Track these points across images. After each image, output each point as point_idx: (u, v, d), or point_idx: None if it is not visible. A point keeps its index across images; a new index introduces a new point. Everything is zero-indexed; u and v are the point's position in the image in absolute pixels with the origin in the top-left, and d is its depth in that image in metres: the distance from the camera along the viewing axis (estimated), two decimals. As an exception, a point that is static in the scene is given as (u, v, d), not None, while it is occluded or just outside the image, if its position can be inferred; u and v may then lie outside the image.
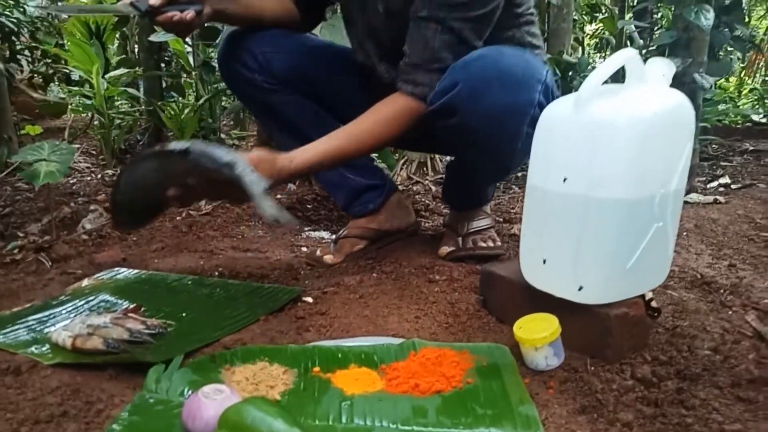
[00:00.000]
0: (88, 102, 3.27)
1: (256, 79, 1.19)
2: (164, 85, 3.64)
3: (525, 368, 0.75)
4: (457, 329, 0.87)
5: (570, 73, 2.85)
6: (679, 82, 1.93)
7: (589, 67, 2.87)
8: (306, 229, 1.65)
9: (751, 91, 5.37)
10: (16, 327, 0.87)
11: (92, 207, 1.75)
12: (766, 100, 5.41)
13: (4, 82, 2.62)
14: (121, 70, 3.49)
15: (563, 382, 0.72)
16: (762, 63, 5.41)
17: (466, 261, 1.17)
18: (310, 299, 1.01)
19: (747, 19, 4.00)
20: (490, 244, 1.22)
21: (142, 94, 4.11)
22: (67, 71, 6.18)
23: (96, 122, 3.17)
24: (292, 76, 1.20)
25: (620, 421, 0.63)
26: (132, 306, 0.92)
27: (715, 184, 2.24)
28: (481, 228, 1.25)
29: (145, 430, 0.58)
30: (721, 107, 5.22)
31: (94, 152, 3.64)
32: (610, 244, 0.72)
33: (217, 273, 1.18)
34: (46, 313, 0.93)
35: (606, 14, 5.97)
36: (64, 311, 0.94)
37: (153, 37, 2.38)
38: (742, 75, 5.28)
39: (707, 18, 1.80)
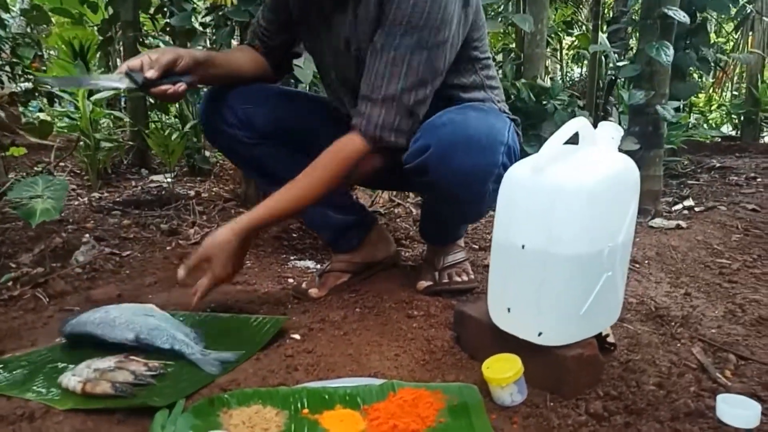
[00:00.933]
0: (73, 121, 3.30)
1: (238, 134, 1.27)
2: (147, 104, 3.70)
3: (493, 404, 0.84)
4: (432, 366, 0.96)
5: (543, 98, 2.98)
6: (643, 113, 2.06)
7: (562, 91, 3.00)
8: (292, 258, 1.73)
9: (719, 106, 5.59)
10: (24, 371, 0.94)
11: (84, 239, 1.81)
12: (733, 116, 5.63)
13: (-17, 102, 2.66)
14: (106, 92, 3.52)
15: (526, 417, 0.81)
16: (728, 80, 5.63)
17: (442, 295, 1.27)
18: (297, 336, 1.09)
19: (713, 39, 4.18)
20: (464, 278, 1.31)
21: (127, 113, 4.16)
22: (49, 87, 6.17)
23: (81, 143, 3.21)
24: (272, 129, 1.28)
25: (573, 455, 0.72)
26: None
27: (679, 206, 2.37)
28: (455, 262, 1.34)
29: (155, 473, 0.66)
30: (692, 119, 5.42)
31: (78, 171, 3.68)
32: (566, 294, 0.82)
33: (209, 309, 1.25)
34: (50, 356, 1.00)
35: (582, 31, 6.16)
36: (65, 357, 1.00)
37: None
38: (711, 91, 5.48)
39: (668, 54, 1.92)
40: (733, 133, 6.06)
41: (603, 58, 6.41)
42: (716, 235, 1.91)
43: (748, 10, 3.99)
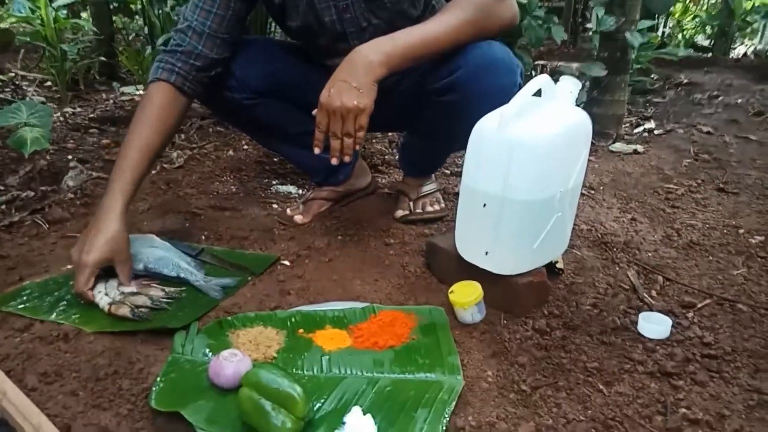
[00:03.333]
0: (34, 28, 3.17)
1: (237, 97, 1.28)
2: (111, 7, 3.55)
3: (457, 322, 1.00)
4: (407, 290, 1.11)
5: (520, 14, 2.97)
6: (612, 38, 2.13)
7: (538, 8, 3.00)
8: (274, 182, 1.83)
9: (694, 17, 5.59)
10: (48, 296, 1.06)
11: (71, 164, 1.86)
12: (707, 27, 5.64)
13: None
14: (68, -1, 3.37)
15: (483, 333, 0.98)
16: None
17: (416, 224, 1.41)
18: (287, 262, 1.23)
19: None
20: (436, 207, 1.45)
21: (89, 18, 3.98)
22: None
23: (46, 53, 3.13)
24: (268, 85, 1.30)
25: (518, 363, 0.90)
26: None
27: (640, 129, 2.50)
28: (429, 192, 1.47)
29: (182, 383, 0.81)
30: (668, 28, 5.41)
31: (43, 80, 3.60)
32: (520, 233, 0.96)
33: (203, 237, 1.37)
34: (66, 282, 1.12)
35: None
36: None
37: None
38: (687, 2, 5.45)
39: (639, -19, 1.96)
40: (707, 43, 6.11)
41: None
42: (669, 160, 2.07)
43: None
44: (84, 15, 5.22)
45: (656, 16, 4.03)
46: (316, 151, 1.07)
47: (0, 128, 2.04)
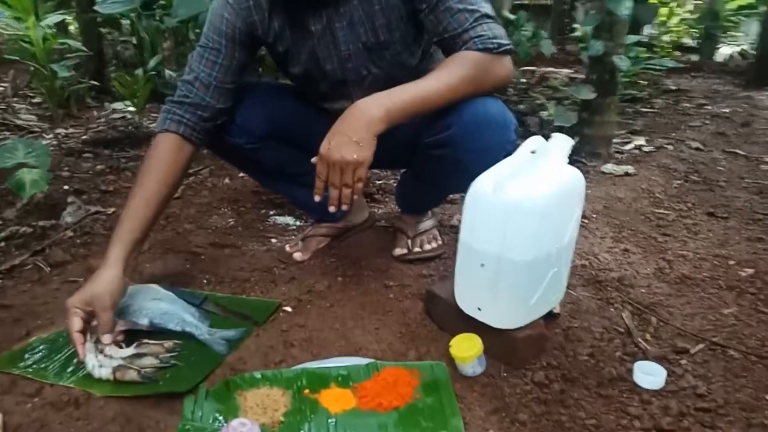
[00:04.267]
0: (24, 45, 3.16)
1: (238, 142, 1.31)
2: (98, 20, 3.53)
3: (458, 374, 1.03)
4: (407, 339, 1.14)
5: (509, 29, 3.01)
6: (601, 62, 2.16)
7: (527, 22, 3.03)
8: (271, 213, 1.85)
9: (681, 20, 5.65)
10: (55, 355, 1.07)
11: (69, 198, 1.87)
12: (693, 30, 5.71)
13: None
14: (56, 15, 3.36)
15: (483, 386, 1.00)
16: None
17: (414, 263, 1.43)
18: (289, 308, 1.25)
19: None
20: (434, 245, 1.47)
21: (78, 35, 3.96)
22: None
23: (35, 71, 3.11)
24: (270, 129, 1.32)
25: (519, 420, 0.93)
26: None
27: (630, 146, 2.54)
28: (426, 229, 1.50)
29: (193, 454, 0.83)
30: (655, 30, 5.47)
31: (31, 96, 3.58)
32: (517, 290, 0.99)
33: (205, 281, 1.39)
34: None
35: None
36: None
37: (100, 7, 2.35)
38: (672, 5, 5.51)
39: (626, 8, 1.99)
40: (693, 44, 6.18)
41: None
42: (659, 182, 2.10)
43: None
44: (71, 28, 5.19)
45: (642, 26, 4.07)
46: (316, 198, 1.10)
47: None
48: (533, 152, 0.98)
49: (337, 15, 1.18)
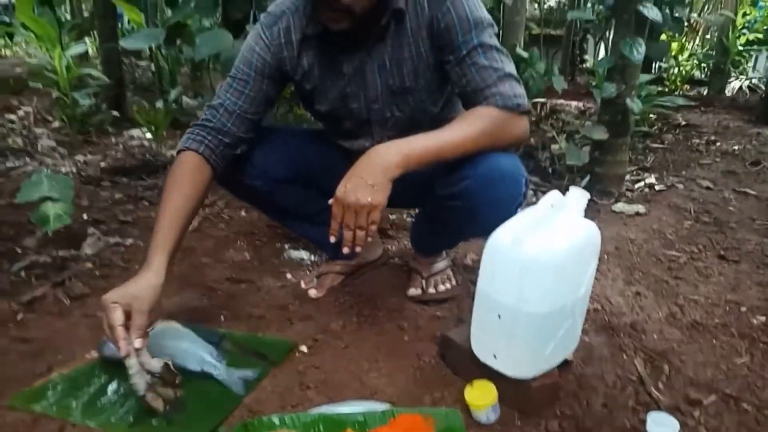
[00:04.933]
0: (48, 74, 3.25)
1: (256, 184, 1.35)
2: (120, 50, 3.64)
3: (472, 421, 1.04)
4: (422, 383, 1.15)
5: (521, 66, 3.06)
6: (613, 103, 2.19)
7: (539, 60, 3.08)
8: (286, 247, 1.88)
9: (690, 56, 5.71)
10: (76, 392, 1.10)
11: (89, 230, 1.91)
12: (703, 65, 5.76)
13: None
14: (80, 47, 3.46)
15: (498, 435, 1.02)
16: (699, 36, 5.71)
17: (429, 304, 1.45)
18: (305, 349, 1.27)
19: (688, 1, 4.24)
20: (448, 286, 1.49)
21: (99, 63, 4.07)
22: (6, 20, 5.91)
23: (56, 97, 3.20)
24: (288, 174, 1.36)
25: (533, 472, 0.93)
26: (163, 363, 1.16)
27: (641, 184, 2.56)
28: (440, 270, 1.52)
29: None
30: (665, 63, 5.52)
31: (56, 125, 3.66)
32: (533, 342, 1.00)
33: (222, 317, 1.41)
34: (92, 374, 1.16)
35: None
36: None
37: (124, 42, 2.42)
38: (683, 40, 5.57)
39: (639, 52, 2.03)
40: (703, 77, 6.23)
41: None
42: (670, 222, 2.12)
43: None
44: (91, 51, 5.32)
45: (653, 61, 4.14)
46: (332, 239, 1.13)
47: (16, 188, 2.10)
48: (551, 206, 1.00)
49: (369, 58, 1.23)
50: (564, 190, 2.32)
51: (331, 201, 1.10)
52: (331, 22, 1.12)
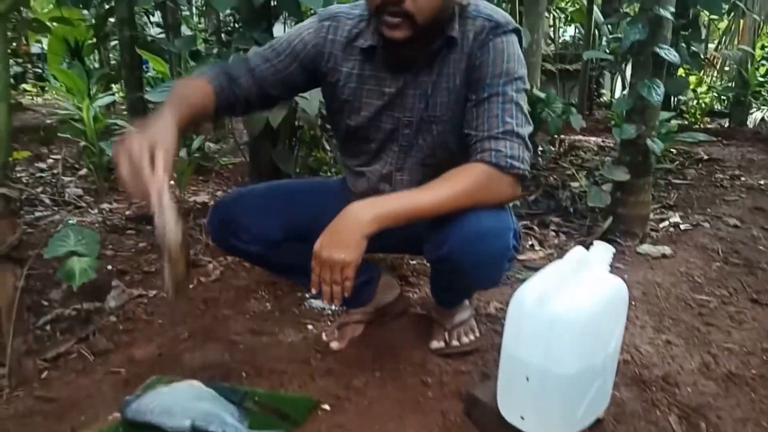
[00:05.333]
0: (75, 124, 3.35)
1: (252, 248, 1.34)
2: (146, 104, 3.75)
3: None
4: (448, 443, 1.12)
5: (538, 107, 3.07)
6: (633, 144, 2.18)
7: (556, 100, 3.09)
8: (307, 296, 1.87)
9: (709, 89, 5.69)
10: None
11: (113, 282, 1.93)
12: (722, 97, 5.73)
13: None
14: (107, 98, 3.57)
15: (529, 502, 0.98)
16: (717, 70, 5.71)
17: (452, 357, 1.42)
18: (327, 407, 1.25)
19: (704, 36, 4.27)
20: (471, 337, 1.46)
21: (125, 110, 4.20)
22: (39, 71, 6.12)
23: (84, 146, 3.30)
24: (286, 235, 1.35)
25: None
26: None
27: (666, 224, 2.51)
28: (463, 320, 1.49)
29: None
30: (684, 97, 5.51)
31: (83, 173, 3.76)
32: (563, 402, 0.97)
33: (244, 374, 1.40)
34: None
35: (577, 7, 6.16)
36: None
37: (150, 96, 2.50)
38: (701, 74, 5.56)
39: (658, 94, 2.03)
40: (723, 108, 6.19)
41: (596, 31, 6.42)
42: (698, 264, 2.07)
43: (740, 7, 4.04)
44: (117, 96, 5.47)
45: (671, 97, 4.13)
46: (313, 291, 1.15)
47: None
48: (576, 262, 0.99)
49: (414, 82, 1.24)
50: (587, 231, 2.29)
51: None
52: (391, 29, 1.12)
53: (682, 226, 2.49)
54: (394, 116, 1.27)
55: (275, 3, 2.37)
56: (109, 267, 2.14)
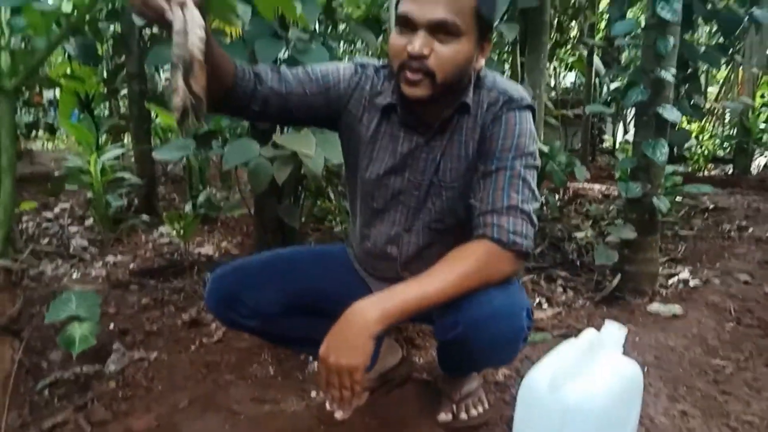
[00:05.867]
0: (83, 175, 3.38)
1: (250, 323, 1.32)
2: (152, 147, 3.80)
3: None
4: None
5: (543, 160, 3.08)
6: (639, 202, 2.17)
7: (561, 153, 3.11)
8: (310, 359, 1.83)
9: (711, 136, 5.72)
10: None
11: (114, 345, 1.90)
12: (725, 144, 5.76)
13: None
14: (115, 150, 3.62)
15: None
16: (720, 112, 5.76)
17: (461, 431, 1.37)
18: (332, 485, 1.20)
19: (704, 87, 4.33)
20: (480, 410, 1.42)
21: (133, 160, 4.25)
22: (50, 121, 6.25)
23: (90, 198, 3.32)
24: (284, 308, 1.32)
25: None
26: None
27: (674, 280, 2.47)
28: (471, 391, 1.45)
29: None
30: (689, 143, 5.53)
31: (87, 222, 3.77)
32: (579, 494, 0.93)
33: (245, 448, 1.35)
34: None
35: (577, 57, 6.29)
36: None
37: (156, 154, 2.51)
38: (703, 122, 5.61)
39: (662, 153, 2.03)
40: (726, 155, 6.21)
41: (597, 80, 6.52)
42: (710, 325, 2.02)
43: (737, 59, 4.11)
44: (124, 142, 5.54)
45: (674, 147, 4.14)
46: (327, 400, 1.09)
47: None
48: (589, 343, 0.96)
49: (426, 146, 1.24)
50: (595, 286, 2.25)
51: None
52: (411, 85, 1.12)
53: (691, 283, 2.45)
54: (404, 176, 1.27)
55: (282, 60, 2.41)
56: (111, 326, 2.11)
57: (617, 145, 7.31)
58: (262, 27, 2.07)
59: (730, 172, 5.53)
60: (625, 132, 7.37)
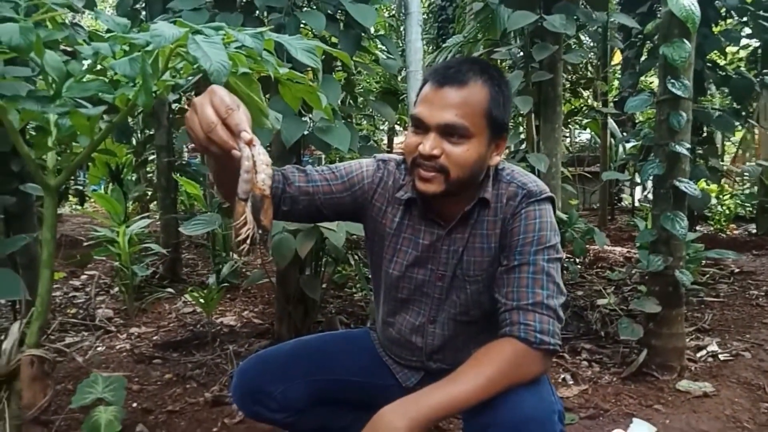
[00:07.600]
0: (111, 247, 3.46)
1: (277, 417, 1.31)
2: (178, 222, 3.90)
3: None
4: None
5: (561, 227, 3.10)
6: (661, 275, 2.15)
7: (578, 220, 3.12)
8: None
9: (732, 196, 5.69)
10: None
11: (138, 427, 1.90)
12: (746, 204, 5.71)
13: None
14: (142, 221, 3.72)
15: None
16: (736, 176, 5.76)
17: None
18: None
19: (721, 149, 4.36)
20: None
21: (159, 228, 4.35)
22: (81, 188, 6.49)
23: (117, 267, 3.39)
24: (312, 401, 1.31)
25: None
26: None
27: (704, 353, 2.42)
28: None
29: None
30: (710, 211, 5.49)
31: (113, 291, 3.83)
32: None
33: None
34: None
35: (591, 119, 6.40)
36: None
37: (184, 230, 2.59)
38: (722, 182, 5.60)
39: (682, 226, 2.03)
40: (748, 214, 6.14)
41: (612, 140, 6.58)
42: (744, 405, 1.96)
43: (751, 123, 4.15)
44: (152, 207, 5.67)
45: (695, 211, 4.13)
46: None
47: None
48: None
49: (447, 238, 1.24)
50: (621, 359, 2.20)
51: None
52: (424, 182, 1.15)
53: (721, 356, 2.39)
54: (428, 268, 1.28)
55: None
56: (134, 404, 2.12)
57: (636, 203, 7.28)
58: (286, 107, 2.17)
59: (754, 231, 5.46)
60: (644, 189, 7.35)
